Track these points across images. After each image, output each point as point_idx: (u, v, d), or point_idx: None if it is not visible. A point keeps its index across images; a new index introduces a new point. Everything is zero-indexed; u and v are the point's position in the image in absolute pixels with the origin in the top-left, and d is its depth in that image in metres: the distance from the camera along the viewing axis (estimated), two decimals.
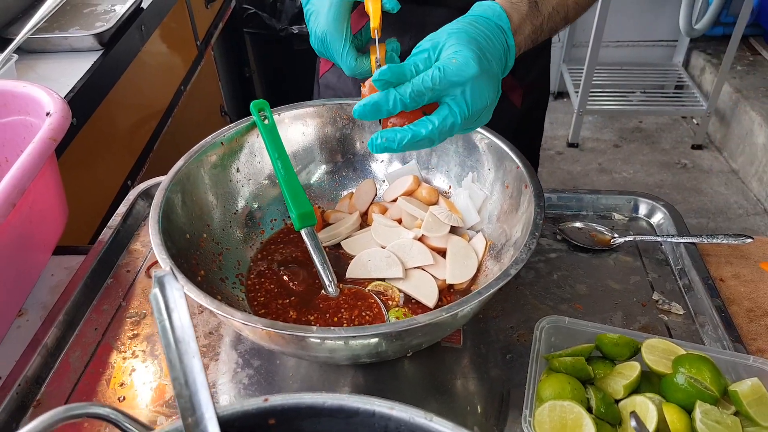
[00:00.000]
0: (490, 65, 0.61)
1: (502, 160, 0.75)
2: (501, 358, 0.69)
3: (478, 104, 0.61)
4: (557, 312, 0.75)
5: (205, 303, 0.55)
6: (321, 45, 0.75)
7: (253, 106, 0.79)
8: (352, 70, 0.75)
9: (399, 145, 0.61)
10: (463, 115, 0.61)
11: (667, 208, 0.86)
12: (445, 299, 0.73)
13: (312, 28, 0.76)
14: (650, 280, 0.79)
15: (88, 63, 1.30)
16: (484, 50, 0.61)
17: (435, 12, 0.93)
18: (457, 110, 0.60)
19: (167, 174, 0.71)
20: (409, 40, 0.93)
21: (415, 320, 0.53)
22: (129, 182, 1.43)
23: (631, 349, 0.60)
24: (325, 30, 0.74)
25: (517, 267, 0.58)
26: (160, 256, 0.60)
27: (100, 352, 0.72)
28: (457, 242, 0.76)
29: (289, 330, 0.53)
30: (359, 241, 0.79)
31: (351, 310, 0.71)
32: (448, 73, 0.59)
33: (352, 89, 1.03)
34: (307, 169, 0.85)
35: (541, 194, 0.66)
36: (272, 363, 0.70)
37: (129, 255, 0.85)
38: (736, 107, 2.79)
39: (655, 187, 2.72)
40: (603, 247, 0.83)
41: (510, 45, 0.64)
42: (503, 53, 0.63)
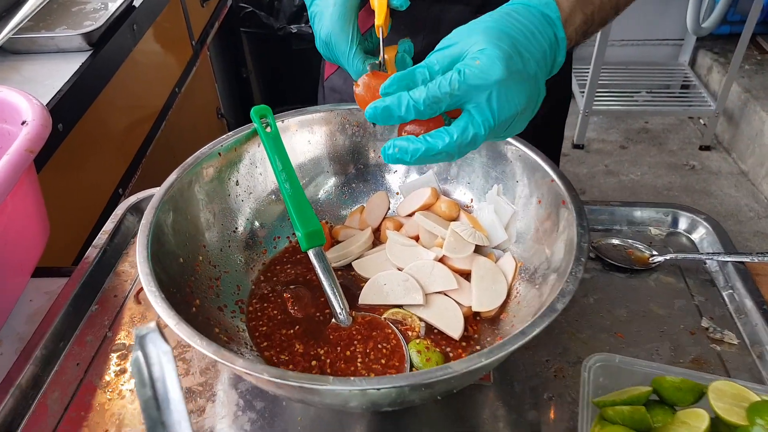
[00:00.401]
0: (525, 65, 0.53)
1: (533, 172, 0.67)
2: (537, 398, 0.61)
3: (506, 112, 0.52)
4: (597, 342, 0.67)
5: (201, 347, 0.47)
6: (326, 48, 0.68)
7: (254, 113, 0.71)
8: (360, 75, 0.67)
9: (412, 158, 0.53)
10: (488, 126, 0.52)
11: (709, 222, 0.79)
12: (471, 328, 0.65)
13: (317, 30, 0.68)
14: (696, 303, 0.71)
15: (75, 64, 1.22)
16: (520, 47, 0.53)
17: (451, 9, 0.84)
18: (479, 120, 0.52)
19: (158, 190, 0.62)
20: (422, 40, 0.85)
21: (450, 368, 0.45)
22: (120, 190, 1.34)
23: (696, 394, 0.52)
24: (330, 32, 0.66)
25: (565, 300, 0.50)
26: (148, 288, 0.52)
27: (82, 392, 0.64)
28: (483, 264, 0.68)
29: (299, 381, 0.45)
30: (372, 261, 0.71)
31: (365, 341, 0.63)
32: (468, 77, 0.50)
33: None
34: (315, 182, 0.77)
35: (582, 212, 0.58)
36: (277, 405, 0.61)
37: (116, 277, 0.77)
38: (745, 107, 2.72)
39: (663, 190, 2.65)
40: (641, 267, 0.75)
41: (559, 38, 0.55)
42: (549, 49, 0.55)
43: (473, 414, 0.61)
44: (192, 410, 0.61)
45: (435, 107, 0.52)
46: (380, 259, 0.71)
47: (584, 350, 0.66)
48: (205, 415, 0.61)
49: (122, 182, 1.35)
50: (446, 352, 0.63)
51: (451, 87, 0.51)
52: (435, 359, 0.61)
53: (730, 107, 2.81)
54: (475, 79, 0.50)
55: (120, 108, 1.38)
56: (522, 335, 0.47)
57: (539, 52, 0.54)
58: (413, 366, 0.61)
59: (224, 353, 0.47)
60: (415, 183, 0.78)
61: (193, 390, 0.63)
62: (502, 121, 0.52)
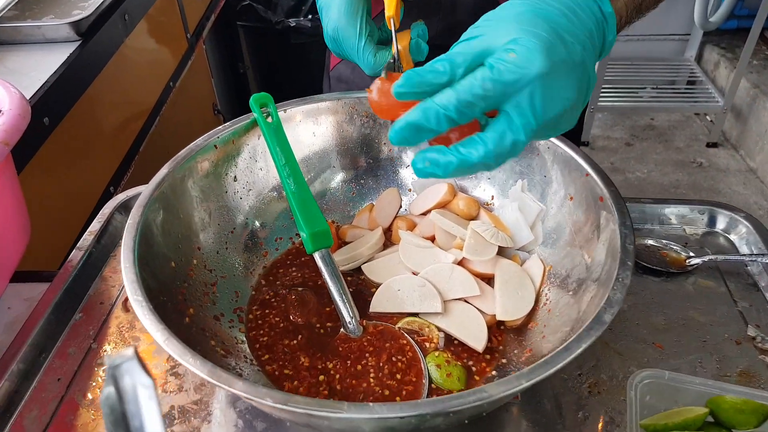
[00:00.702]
0: (570, 52, 0.44)
1: (564, 165, 0.60)
2: (571, 417, 0.55)
3: (552, 110, 0.44)
4: (633, 353, 0.60)
5: (195, 367, 0.41)
6: (334, 43, 0.63)
7: (253, 101, 0.64)
8: (373, 68, 0.61)
9: (445, 172, 0.45)
10: (530, 129, 0.44)
11: (749, 220, 0.72)
12: (495, 339, 0.59)
13: (324, 24, 0.62)
14: (740, 309, 0.65)
15: (63, 55, 1.15)
16: (561, 31, 0.44)
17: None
18: (519, 123, 0.43)
19: (147, 186, 0.56)
20: (438, 23, 0.79)
21: (485, 392, 0.39)
22: (111, 189, 1.28)
23: (760, 416, 0.46)
24: (337, 25, 0.61)
25: (613, 311, 0.43)
26: (134, 297, 0.46)
27: (64, 410, 0.57)
28: (507, 267, 0.61)
29: (309, 408, 0.38)
30: (384, 264, 0.65)
31: (378, 354, 0.57)
32: (502, 73, 0.42)
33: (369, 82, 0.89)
34: (321, 178, 0.70)
35: (625, 210, 0.52)
36: (281, 427, 0.55)
37: (103, 283, 0.70)
38: (753, 103, 2.66)
39: (670, 187, 2.59)
40: (677, 269, 0.68)
41: (606, 13, 0.47)
42: (595, 28, 0.47)
43: None
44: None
45: (468, 112, 0.43)
46: (392, 261, 0.65)
47: (620, 363, 0.60)
48: None
49: (114, 180, 1.28)
50: (468, 365, 0.57)
51: (483, 88, 0.42)
52: (456, 374, 0.55)
53: (738, 103, 2.75)
54: (510, 75, 0.42)
55: (111, 102, 1.31)
56: (567, 352, 0.41)
57: (584, 33, 0.46)
58: (432, 382, 0.55)
59: (220, 374, 0.40)
60: (429, 179, 0.71)
61: (187, 409, 0.56)
62: (547, 120, 0.44)
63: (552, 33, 0.44)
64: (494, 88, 0.42)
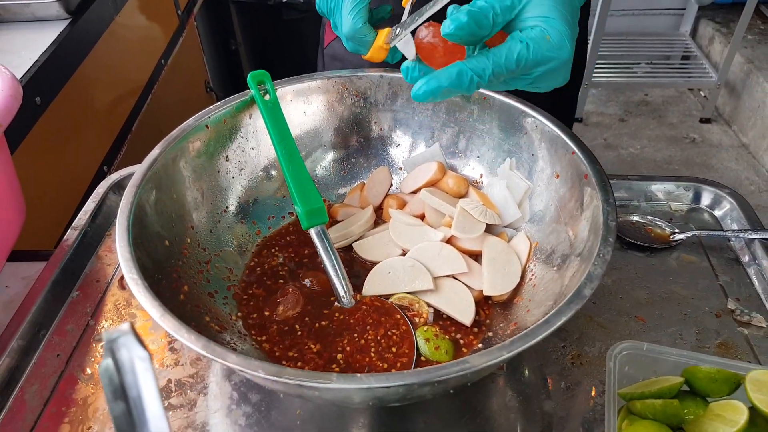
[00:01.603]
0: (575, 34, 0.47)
1: (550, 144, 0.61)
2: (555, 387, 0.57)
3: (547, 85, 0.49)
4: (616, 326, 0.62)
5: (189, 341, 0.42)
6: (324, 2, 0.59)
7: (251, 78, 0.65)
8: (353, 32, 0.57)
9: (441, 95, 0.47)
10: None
11: (733, 197, 0.74)
12: (482, 313, 0.60)
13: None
14: (721, 284, 0.66)
15: (53, 34, 1.15)
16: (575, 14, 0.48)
17: None
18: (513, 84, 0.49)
19: (139, 166, 0.57)
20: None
21: (467, 363, 0.40)
22: (105, 168, 1.28)
23: (732, 385, 0.47)
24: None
25: (593, 285, 0.45)
26: (129, 275, 0.47)
27: (63, 385, 0.59)
28: (494, 244, 0.63)
29: (299, 378, 0.40)
30: (375, 242, 0.66)
31: (376, 327, 0.58)
32: (538, 56, 0.45)
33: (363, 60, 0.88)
34: (312, 157, 0.71)
35: (608, 187, 0.53)
36: (275, 398, 0.57)
37: (99, 261, 0.71)
38: (747, 78, 2.66)
39: (663, 163, 2.60)
40: (662, 245, 0.70)
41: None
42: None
43: (484, 405, 0.56)
44: (182, 404, 0.57)
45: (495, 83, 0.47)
46: (383, 240, 0.66)
47: (602, 335, 0.62)
48: (197, 409, 0.56)
49: (107, 159, 1.28)
50: (456, 339, 0.58)
51: (518, 64, 0.45)
52: (444, 347, 0.57)
53: (731, 79, 2.76)
54: (543, 56, 0.45)
55: (102, 81, 1.31)
56: (546, 325, 0.42)
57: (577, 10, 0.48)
58: (421, 354, 0.57)
59: (214, 348, 0.42)
60: (420, 157, 0.72)
61: (184, 382, 0.58)
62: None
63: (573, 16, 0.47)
64: (527, 65, 0.46)
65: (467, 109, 0.68)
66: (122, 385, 0.26)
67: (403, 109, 0.71)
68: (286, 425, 0.55)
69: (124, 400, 0.25)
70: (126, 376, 0.26)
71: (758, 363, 0.59)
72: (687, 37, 3.01)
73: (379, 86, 0.70)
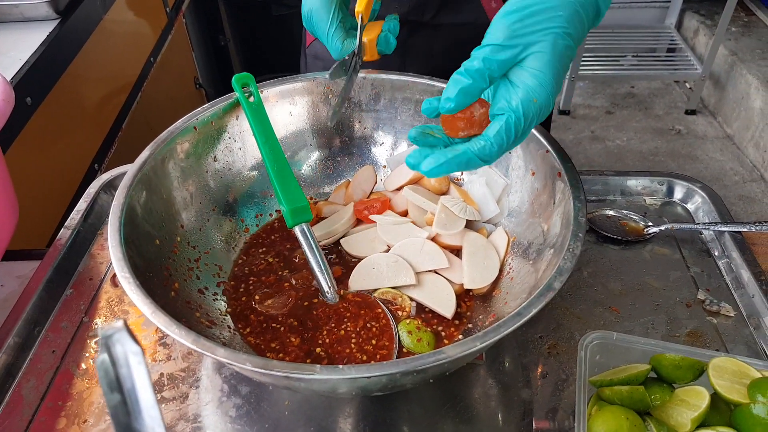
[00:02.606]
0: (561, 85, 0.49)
1: (526, 142, 0.64)
2: (530, 376, 0.60)
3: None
4: (591, 317, 0.65)
5: (179, 336, 0.44)
6: (309, 24, 0.67)
7: (235, 81, 0.67)
8: (339, 54, 0.67)
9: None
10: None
11: (705, 191, 0.77)
12: (464, 305, 0.63)
13: (303, 3, 0.67)
14: (692, 275, 0.69)
15: (43, 34, 1.16)
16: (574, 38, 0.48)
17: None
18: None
19: (129, 168, 0.59)
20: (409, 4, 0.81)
21: (443, 353, 0.43)
22: (96, 166, 1.30)
23: (696, 371, 0.50)
24: (312, 8, 0.66)
25: (562, 278, 0.48)
26: (121, 274, 0.49)
27: (59, 380, 0.61)
28: (474, 239, 0.65)
29: (285, 371, 0.42)
30: (362, 238, 0.69)
31: (355, 320, 0.61)
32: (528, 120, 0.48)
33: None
34: (297, 156, 0.74)
35: (579, 184, 0.56)
36: (264, 389, 0.59)
37: (92, 259, 0.73)
38: (731, 70, 2.69)
39: (649, 155, 2.64)
40: (636, 238, 0.73)
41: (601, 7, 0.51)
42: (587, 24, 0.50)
43: (465, 393, 0.59)
44: (174, 397, 0.59)
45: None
46: (370, 236, 0.69)
47: (578, 326, 0.64)
48: (189, 401, 0.58)
49: (97, 157, 1.30)
50: (438, 331, 0.61)
51: (516, 135, 0.48)
52: (426, 339, 0.59)
53: (716, 71, 2.79)
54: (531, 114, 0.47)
55: (92, 80, 1.32)
56: (518, 317, 0.45)
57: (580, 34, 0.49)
58: (403, 347, 0.59)
59: (204, 342, 0.44)
60: (403, 155, 0.74)
61: (176, 376, 0.61)
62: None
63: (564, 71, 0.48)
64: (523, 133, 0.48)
65: None
66: (117, 378, 0.28)
67: (386, 109, 0.73)
68: (275, 416, 0.57)
69: (119, 391, 0.28)
70: (121, 370, 0.28)
71: (726, 351, 0.62)
72: (672, 30, 3.04)
73: (362, 87, 0.73)
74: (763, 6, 2.98)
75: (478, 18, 0.84)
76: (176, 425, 0.57)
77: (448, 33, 0.85)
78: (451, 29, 0.85)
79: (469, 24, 0.85)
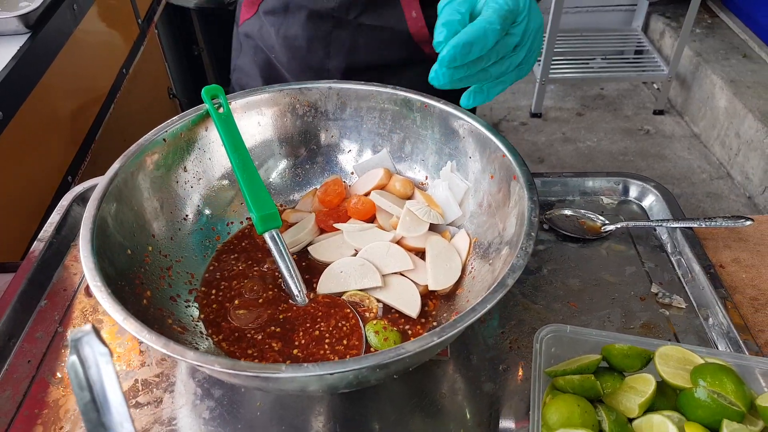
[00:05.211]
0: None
1: (484, 147, 0.67)
2: (493, 370, 0.63)
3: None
4: (551, 312, 0.68)
5: (150, 341, 0.46)
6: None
7: (205, 93, 0.69)
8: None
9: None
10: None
11: (658, 189, 0.80)
12: (430, 303, 0.65)
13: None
14: (647, 270, 0.73)
15: (13, 48, 1.16)
16: None
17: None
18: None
19: (100, 181, 0.60)
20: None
21: (403, 349, 0.45)
22: (69, 178, 1.30)
23: (643, 360, 0.53)
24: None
25: (515, 275, 0.50)
26: (93, 283, 0.51)
27: (35, 389, 0.62)
28: (437, 242, 0.68)
29: (252, 371, 0.44)
30: (329, 245, 0.71)
31: (327, 319, 0.63)
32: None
33: (274, 41, 0.96)
34: (266, 166, 0.76)
35: (533, 187, 0.59)
36: (236, 392, 0.61)
37: (65, 271, 0.75)
38: (696, 71, 2.77)
39: (619, 155, 2.70)
40: (593, 236, 0.76)
41: None
42: None
43: (432, 388, 0.62)
44: (149, 401, 0.61)
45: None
46: (337, 242, 0.71)
47: (538, 321, 0.67)
48: (163, 405, 0.60)
49: (71, 170, 1.30)
50: (405, 330, 0.63)
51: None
52: (393, 338, 0.62)
53: (682, 71, 2.87)
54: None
55: (64, 92, 1.32)
56: (473, 312, 0.48)
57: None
58: (371, 346, 0.62)
59: (174, 346, 0.46)
60: (371, 162, 0.77)
61: (150, 381, 0.62)
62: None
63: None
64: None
65: (410, 117, 0.73)
66: (87, 378, 0.30)
67: (352, 117, 0.76)
68: (248, 417, 0.59)
69: (89, 390, 0.30)
70: (90, 370, 0.30)
71: (677, 341, 0.65)
72: (639, 32, 3.12)
73: (328, 97, 0.75)
74: (725, 8, 3.07)
75: (398, 24, 0.89)
76: (151, 429, 0.58)
77: (370, 32, 0.90)
78: (373, 29, 0.90)
79: (389, 28, 0.89)
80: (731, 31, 2.95)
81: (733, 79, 2.57)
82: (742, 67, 2.67)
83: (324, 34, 0.91)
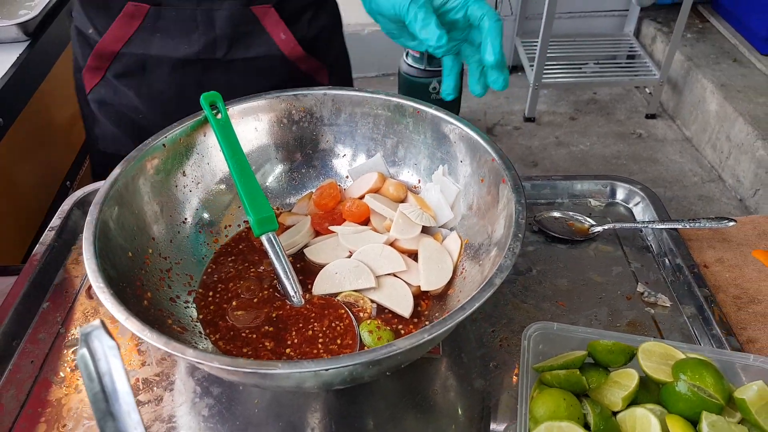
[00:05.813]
0: None
1: (475, 152, 0.69)
2: (484, 368, 0.65)
3: None
4: (540, 311, 0.70)
5: (151, 339, 0.48)
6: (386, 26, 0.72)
7: (203, 99, 0.71)
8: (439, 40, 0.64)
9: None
10: None
11: (645, 192, 0.83)
12: (423, 304, 0.67)
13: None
14: (633, 270, 0.75)
15: (13, 56, 1.18)
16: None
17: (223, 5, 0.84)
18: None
19: (102, 185, 0.62)
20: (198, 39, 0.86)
21: (394, 346, 0.47)
22: (68, 183, 1.32)
23: (627, 355, 0.55)
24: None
25: (503, 275, 0.52)
26: (96, 285, 0.52)
27: (38, 389, 0.64)
28: (429, 244, 0.70)
29: (250, 367, 0.46)
30: (325, 247, 0.73)
31: (320, 320, 0.65)
32: None
33: (137, 102, 0.91)
34: (263, 170, 0.78)
35: (520, 190, 0.61)
36: (234, 390, 0.63)
37: (67, 273, 0.76)
38: (687, 75, 2.80)
39: (612, 159, 2.73)
40: (582, 237, 0.78)
41: None
42: None
43: (425, 386, 0.64)
44: (150, 400, 0.62)
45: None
46: (333, 244, 0.73)
47: (528, 320, 0.69)
48: (163, 403, 0.62)
49: (69, 175, 1.32)
50: (398, 329, 0.65)
51: None
52: (386, 337, 0.64)
53: (673, 76, 2.90)
54: None
55: (64, 98, 1.34)
56: (462, 310, 0.50)
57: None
58: (365, 345, 0.63)
59: (174, 344, 0.48)
60: (365, 166, 0.79)
61: (150, 380, 0.64)
62: None
63: None
64: None
65: (403, 122, 0.75)
66: (96, 370, 0.32)
67: (347, 123, 0.78)
68: (245, 414, 0.61)
69: (98, 381, 0.32)
70: (99, 362, 0.32)
71: (662, 338, 0.67)
72: (631, 37, 3.16)
73: (323, 103, 0.77)
74: (716, 13, 3.11)
75: (270, 50, 0.88)
76: (152, 426, 0.60)
77: (243, 67, 0.89)
78: (246, 63, 0.88)
79: (261, 57, 0.88)
80: (722, 36, 2.98)
81: (723, 84, 2.61)
82: (732, 71, 2.70)
83: (194, 81, 0.88)
